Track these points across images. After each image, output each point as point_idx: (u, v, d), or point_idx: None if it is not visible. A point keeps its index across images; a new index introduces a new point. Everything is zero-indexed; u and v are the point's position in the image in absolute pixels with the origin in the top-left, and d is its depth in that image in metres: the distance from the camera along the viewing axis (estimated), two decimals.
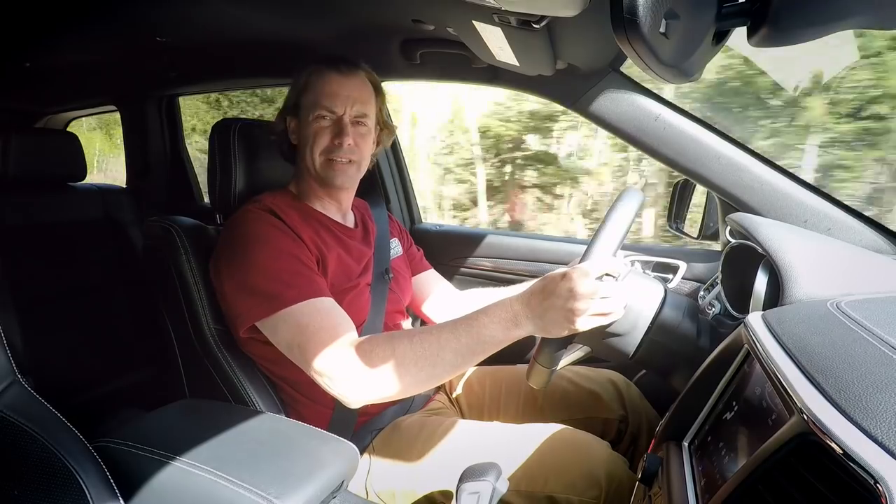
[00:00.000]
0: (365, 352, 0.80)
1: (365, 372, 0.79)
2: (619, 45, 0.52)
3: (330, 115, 0.97)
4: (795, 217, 0.96)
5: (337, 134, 0.97)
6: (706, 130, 1.01)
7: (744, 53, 3.30)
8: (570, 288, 0.72)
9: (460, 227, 1.69)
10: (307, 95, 0.99)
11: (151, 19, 1.23)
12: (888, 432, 0.36)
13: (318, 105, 0.97)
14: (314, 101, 0.97)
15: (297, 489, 0.65)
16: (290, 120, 1.02)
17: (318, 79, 0.98)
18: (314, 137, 0.97)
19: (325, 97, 0.97)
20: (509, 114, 4.95)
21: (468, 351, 0.77)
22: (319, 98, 0.97)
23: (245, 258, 0.87)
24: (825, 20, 0.52)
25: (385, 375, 0.79)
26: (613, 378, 1.13)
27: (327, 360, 0.80)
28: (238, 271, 0.87)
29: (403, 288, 1.13)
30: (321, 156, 0.98)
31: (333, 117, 0.98)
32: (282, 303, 0.84)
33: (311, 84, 0.99)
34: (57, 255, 1.63)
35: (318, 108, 0.97)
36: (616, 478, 0.85)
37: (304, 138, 0.99)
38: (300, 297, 0.84)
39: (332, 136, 0.97)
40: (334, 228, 1.02)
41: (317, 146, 0.97)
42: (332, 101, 0.97)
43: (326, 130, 0.97)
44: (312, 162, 0.98)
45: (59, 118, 2.26)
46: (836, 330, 0.53)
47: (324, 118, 0.97)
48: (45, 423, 0.60)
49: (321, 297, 0.86)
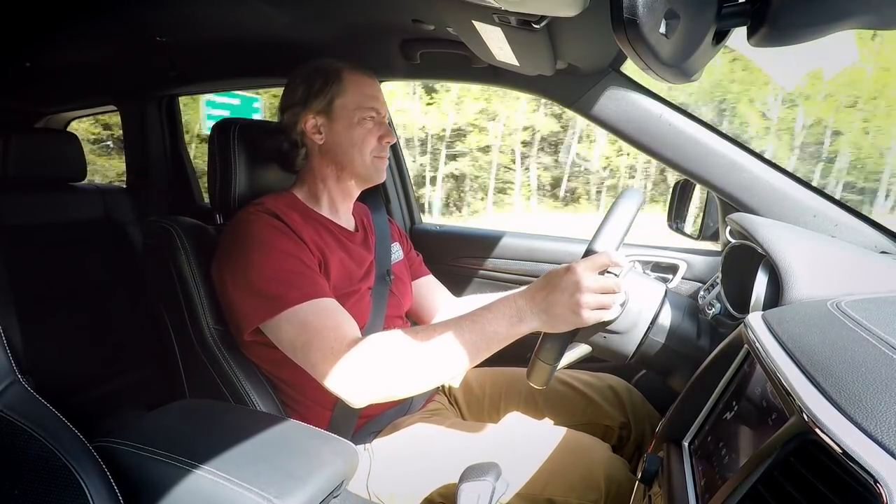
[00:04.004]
0: (368, 350, 0.79)
1: (369, 370, 0.79)
2: (619, 45, 0.52)
3: (377, 115, 1.00)
4: (795, 217, 0.96)
5: (385, 134, 1.01)
6: (706, 130, 1.02)
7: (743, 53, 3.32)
8: (574, 281, 0.72)
9: (460, 227, 1.68)
10: (346, 97, 0.99)
11: (151, 19, 1.23)
12: (888, 432, 0.36)
13: (364, 107, 0.99)
14: (358, 102, 0.99)
15: (297, 489, 0.65)
16: (310, 118, 0.99)
17: (354, 80, 1.00)
18: (364, 138, 0.99)
19: (369, 99, 1.00)
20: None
21: (472, 347, 0.77)
22: (364, 100, 0.99)
23: (246, 261, 0.87)
24: (825, 20, 0.52)
25: (389, 374, 0.78)
26: (614, 384, 1.12)
27: (331, 360, 0.80)
28: (240, 274, 0.87)
29: (404, 293, 1.13)
30: (370, 155, 1.01)
31: (378, 118, 1.01)
32: (284, 303, 0.83)
33: (349, 86, 0.99)
34: (57, 255, 1.63)
35: (366, 110, 0.99)
36: (616, 480, 0.85)
37: (350, 139, 0.99)
38: (303, 297, 0.84)
39: (379, 136, 1.00)
40: (336, 232, 1.02)
41: (366, 146, 1.00)
42: (376, 103, 1.01)
43: (373, 132, 1.00)
44: (363, 162, 1.00)
45: (59, 118, 2.26)
46: (836, 330, 0.53)
47: (371, 119, 1.00)
48: (45, 423, 0.60)
49: (324, 298, 0.86)
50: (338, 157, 1.01)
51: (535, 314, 0.75)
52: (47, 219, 1.63)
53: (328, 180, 1.03)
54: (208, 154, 1.05)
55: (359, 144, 0.99)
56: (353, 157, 1.00)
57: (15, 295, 1.41)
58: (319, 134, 1.00)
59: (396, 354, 0.79)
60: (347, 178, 1.03)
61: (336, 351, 0.80)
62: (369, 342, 0.80)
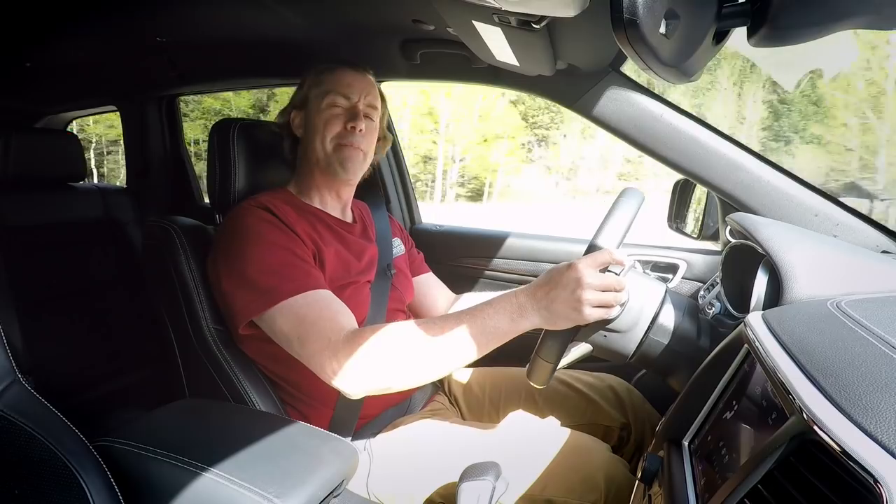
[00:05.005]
0: (366, 340, 0.78)
1: (366, 361, 0.77)
2: (619, 45, 0.52)
3: (345, 100, 0.98)
4: (797, 217, 0.96)
5: (351, 118, 0.98)
6: (706, 130, 1.02)
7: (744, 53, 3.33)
8: (576, 278, 0.72)
9: (460, 227, 1.68)
10: (319, 88, 0.99)
11: (151, 19, 1.23)
12: (888, 432, 0.36)
13: (333, 92, 0.98)
14: (328, 90, 0.98)
15: (297, 489, 0.65)
16: (295, 114, 1.03)
17: (333, 73, 1.00)
18: (326, 123, 0.98)
19: (340, 86, 0.98)
20: None
21: (472, 341, 0.76)
22: (334, 86, 0.98)
23: (240, 254, 0.87)
24: (825, 20, 0.52)
25: (386, 365, 0.77)
26: (614, 384, 1.12)
27: (327, 351, 0.79)
28: (234, 268, 0.87)
29: (406, 286, 1.13)
30: (332, 141, 0.98)
31: (347, 104, 0.99)
32: (279, 296, 0.83)
33: (324, 78, 1.00)
34: (57, 255, 1.63)
35: (333, 95, 0.98)
36: (616, 481, 0.85)
37: (314, 126, 0.99)
38: (297, 289, 0.84)
39: (346, 122, 0.98)
40: (332, 224, 1.02)
41: (328, 132, 0.98)
42: (348, 89, 0.98)
43: (339, 117, 0.98)
44: (323, 148, 0.98)
45: (59, 118, 2.25)
46: (836, 329, 0.53)
47: (337, 106, 0.98)
48: (45, 423, 0.60)
49: (318, 289, 0.86)
50: (307, 147, 1.01)
51: (536, 310, 0.74)
52: (47, 219, 1.63)
53: (310, 172, 1.03)
54: (208, 154, 1.05)
55: (320, 131, 0.98)
56: (314, 144, 0.99)
57: (15, 295, 1.41)
58: (301, 128, 1.02)
59: (395, 346, 0.78)
60: (311, 174, 1.02)
61: (333, 342, 0.79)
62: (367, 333, 0.79)
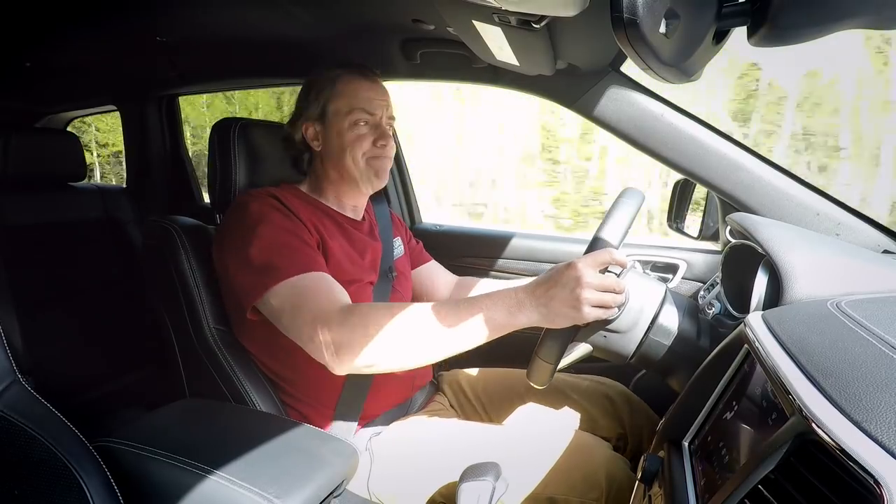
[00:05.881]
0: (359, 313, 0.78)
1: (356, 334, 0.76)
2: (619, 45, 0.52)
3: (369, 115, 0.99)
4: (798, 217, 0.96)
5: (379, 136, 0.99)
6: (706, 130, 1.02)
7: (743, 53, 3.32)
8: (576, 277, 0.72)
9: (460, 227, 1.69)
10: (338, 101, 0.99)
11: (151, 19, 1.23)
12: (888, 432, 0.36)
13: (356, 109, 0.98)
14: (350, 105, 0.98)
15: (297, 489, 0.65)
16: (309, 126, 1.01)
17: (348, 85, 0.99)
18: (354, 142, 0.98)
19: (362, 101, 0.98)
20: None
21: (466, 329, 0.75)
22: (356, 102, 0.98)
23: (245, 237, 0.87)
24: (825, 20, 0.52)
25: (377, 340, 0.76)
26: (611, 393, 1.09)
27: (318, 322, 0.78)
28: (240, 251, 0.87)
29: (406, 288, 1.13)
30: (363, 157, 0.99)
31: (372, 120, 0.99)
32: (282, 275, 0.83)
33: (342, 91, 0.99)
34: (57, 255, 1.63)
35: (357, 113, 0.98)
36: (617, 479, 0.85)
37: (341, 144, 0.99)
38: (299, 270, 0.84)
39: (374, 139, 0.99)
40: (340, 220, 1.02)
41: (358, 150, 0.98)
42: (370, 105, 0.98)
43: (366, 136, 0.99)
44: (355, 166, 0.99)
45: (59, 118, 2.25)
46: (836, 330, 0.53)
47: (364, 122, 0.98)
48: (45, 423, 0.60)
49: (321, 272, 0.86)
50: (335, 162, 1.01)
51: (534, 307, 0.74)
52: (47, 219, 1.63)
53: (335, 181, 1.03)
54: (208, 153, 1.05)
55: (350, 149, 0.98)
56: (346, 161, 0.99)
57: (15, 295, 1.41)
58: (317, 141, 1.02)
59: (386, 322, 0.76)
60: (348, 181, 1.03)
61: (326, 311, 0.79)
62: (363, 307, 0.79)
